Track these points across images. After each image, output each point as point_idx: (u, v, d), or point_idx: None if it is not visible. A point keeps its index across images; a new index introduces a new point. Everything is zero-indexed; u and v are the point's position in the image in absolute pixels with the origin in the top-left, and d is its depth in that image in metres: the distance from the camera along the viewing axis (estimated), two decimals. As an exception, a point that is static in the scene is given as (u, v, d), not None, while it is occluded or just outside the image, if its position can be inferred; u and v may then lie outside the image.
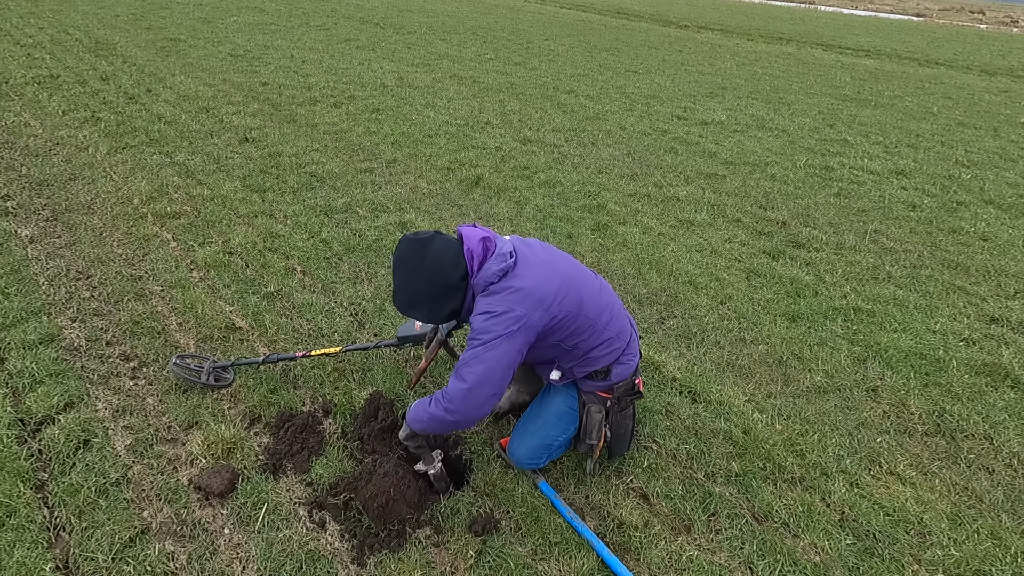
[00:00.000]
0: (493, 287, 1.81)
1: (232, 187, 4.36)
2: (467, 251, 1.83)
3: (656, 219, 4.37)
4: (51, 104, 5.89)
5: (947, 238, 4.38)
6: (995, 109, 9.13)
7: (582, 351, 1.97)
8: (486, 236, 1.86)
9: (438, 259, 1.80)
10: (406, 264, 1.82)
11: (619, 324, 2.04)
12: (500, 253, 1.82)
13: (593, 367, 2.01)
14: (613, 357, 2.02)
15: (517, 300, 1.79)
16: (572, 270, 1.96)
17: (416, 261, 1.81)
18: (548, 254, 1.96)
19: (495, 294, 1.80)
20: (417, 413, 1.92)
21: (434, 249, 1.81)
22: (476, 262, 1.82)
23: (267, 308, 3.03)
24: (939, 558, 1.97)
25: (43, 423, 2.26)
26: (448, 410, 1.83)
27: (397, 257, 1.85)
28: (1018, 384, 2.84)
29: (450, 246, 1.83)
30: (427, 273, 1.81)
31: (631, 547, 1.94)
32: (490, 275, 1.81)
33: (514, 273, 1.83)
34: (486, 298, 1.82)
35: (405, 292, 1.85)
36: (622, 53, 11.78)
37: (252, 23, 11.38)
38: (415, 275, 1.82)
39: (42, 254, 3.38)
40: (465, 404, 1.81)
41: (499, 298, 1.79)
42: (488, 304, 1.80)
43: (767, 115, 7.66)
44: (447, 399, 1.83)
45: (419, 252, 1.81)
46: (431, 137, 5.77)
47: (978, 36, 22.08)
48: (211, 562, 1.83)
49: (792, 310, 3.32)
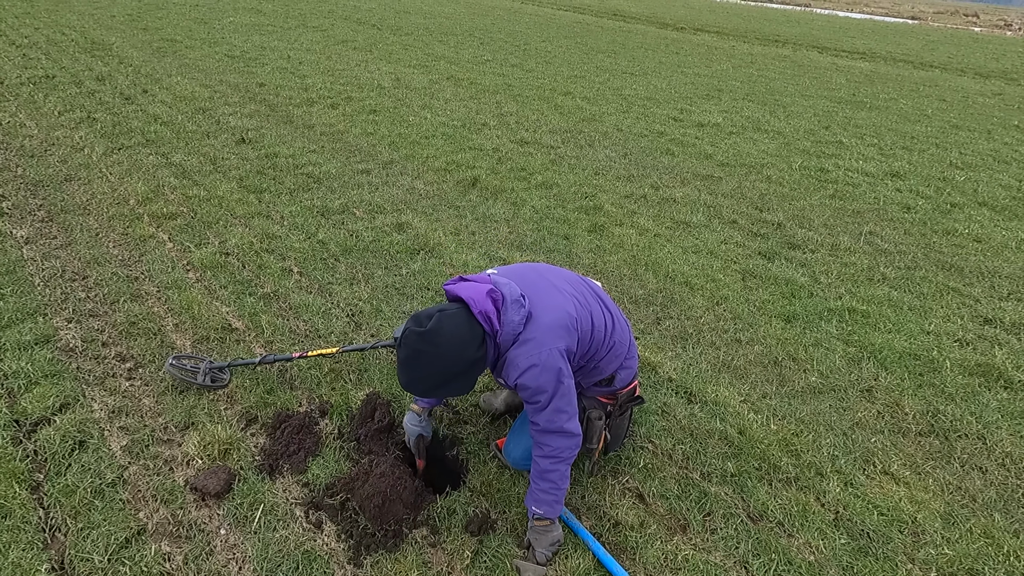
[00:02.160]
0: (522, 336, 1.76)
1: (228, 188, 4.35)
2: (479, 314, 1.72)
3: (652, 220, 4.38)
4: (47, 105, 5.88)
5: (941, 240, 4.41)
6: (989, 112, 9.18)
7: (594, 362, 1.97)
8: (490, 289, 1.77)
9: (453, 343, 1.68)
10: (420, 359, 1.70)
11: (621, 329, 2.04)
12: (514, 300, 1.76)
13: (600, 376, 2.02)
14: (617, 363, 2.03)
15: (552, 336, 1.76)
16: (570, 287, 1.95)
17: (432, 352, 1.68)
18: (544, 278, 1.93)
19: (527, 341, 1.75)
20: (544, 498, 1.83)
21: (445, 334, 1.68)
22: (494, 319, 1.74)
23: (264, 309, 3.03)
24: (932, 557, 1.98)
25: (38, 424, 2.25)
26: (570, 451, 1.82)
27: (408, 354, 1.70)
28: (1011, 384, 2.86)
29: (459, 322, 1.71)
30: (447, 361, 1.69)
31: (627, 547, 1.95)
32: (515, 326, 1.75)
33: (533, 313, 1.78)
34: (521, 347, 1.76)
35: (427, 383, 1.75)
36: (619, 55, 11.81)
37: (249, 24, 11.37)
38: (433, 366, 1.70)
39: (37, 255, 3.37)
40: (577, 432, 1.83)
41: (536, 342, 1.75)
42: (529, 353, 1.74)
43: (763, 117, 7.69)
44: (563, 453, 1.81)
45: (432, 342, 1.67)
46: (428, 138, 5.77)
47: (972, 39, 22.21)
48: (207, 563, 1.82)
49: (787, 311, 3.34)
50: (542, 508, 1.83)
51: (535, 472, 1.84)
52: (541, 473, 1.83)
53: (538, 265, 2.04)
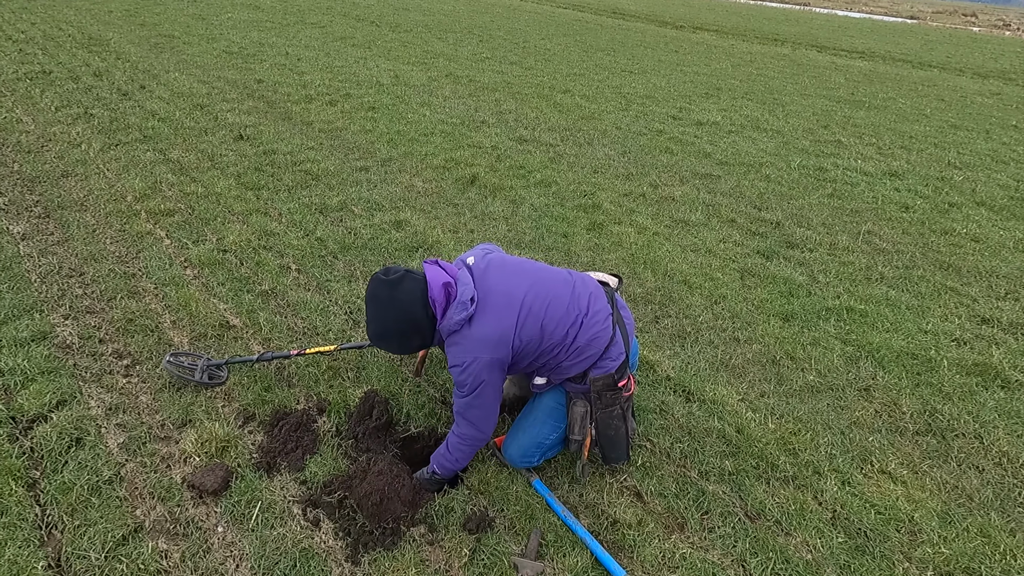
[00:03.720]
0: (456, 335, 1.91)
1: (226, 185, 4.34)
2: (431, 299, 1.90)
3: (651, 219, 4.38)
4: (43, 100, 5.85)
5: (939, 239, 4.41)
6: (987, 112, 9.20)
7: (554, 363, 2.04)
8: (447, 282, 1.93)
9: (406, 299, 1.88)
10: (376, 301, 1.91)
11: (590, 332, 1.99)
12: (461, 301, 1.89)
13: (568, 374, 2.06)
14: (587, 364, 2.02)
15: (481, 347, 1.88)
16: (532, 292, 1.95)
17: (386, 300, 1.89)
18: (507, 281, 1.96)
19: (459, 344, 1.91)
20: (442, 462, 2.05)
21: (403, 289, 1.88)
22: (439, 308, 1.91)
23: (261, 306, 3.02)
24: (929, 556, 1.98)
25: (35, 421, 2.24)
26: (472, 441, 2.02)
27: (368, 294, 1.93)
28: (1008, 384, 2.87)
29: (416, 287, 1.90)
30: (396, 312, 1.89)
31: (625, 545, 1.95)
32: (453, 324, 1.89)
33: (475, 319, 1.90)
34: (452, 347, 1.92)
35: (375, 326, 1.94)
36: (618, 53, 11.79)
37: (247, 20, 11.34)
38: (384, 312, 1.90)
39: (34, 251, 3.36)
40: (482, 432, 2.01)
41: (464, 348, 1.90)
42: (457, 355, 1.91)
43: (762, 116, 7.69)
44: (466, 440, 2.01)
45: (389, 292, 1.88)
46: (427, 136, 5.76)
47: (971, 39, 22.24)
48: (204, 560, 1.82)
49: (785, 310, 3.34)
50: (441, 471, 2.07)
51: (449, 442, 2.04)
52: (450, 446, 2.03)
53: (514, 262, 2.06)
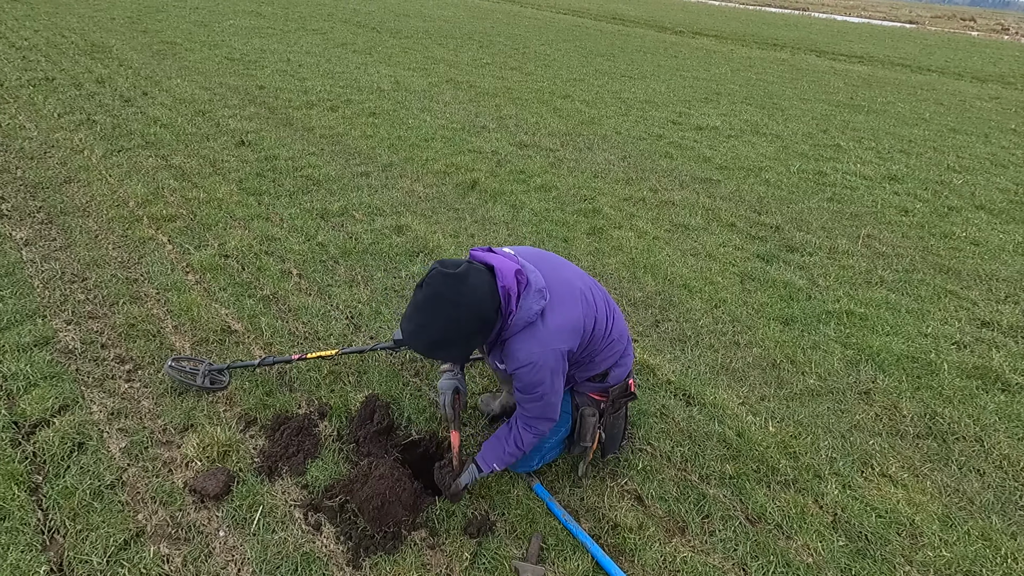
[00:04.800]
0: (529, 328, 1.75)
1: (228, 190, 4.36)
2: (502, 288, 1.69)
3: (651, 223, 4.39)
4: (46, 107, 5.88)
5: (939, 243, 4.42)
6: (986, 115, 9.22)
7: (588, 357, 1.99)
8: (519, 269, 1.75)
9: (478, 294, 1.63)
10: (439, 302, 1.61)
11: (619, 326, 2.07)
12: (537, 290, 1.74)
13: (594, 371, 2.04)
14: (613, 360, 2.05)
15: (557, 338, 1.76)
16: (581, 282, 1.96)
17: (454, 298, 1.61)
18: (558, 271, 1.92)
19: (533, 336, 1.74)
20: (505, 458, 1.95)
21: (472, 283, 1.63)
22: (513, 300, 1.71)
23: (263, 311, 3.03)
24: (930, 559, 1.98)
25: (37, 426, 2.25)
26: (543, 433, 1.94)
27: (428, 295, 1.63)
28: (1008, 387, 2.87)
29: (485, 280, 1.68)
30: (466, 310, 1.63)
31: (625, 549, 1.95)
32: (531, 315, 1.73)
33: (546, 309, 1.76)
34: (523, 342, 1.74)
35: (432, 332, 1.66)
36: (617, 58, 11.84)
37: (249, 27, 11.39)
38: (453, 311, 1.63)
39: (37, 256, 3.37)
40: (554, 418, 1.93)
41: (539, 340, 1.74)
42: (529, 350, 1.73)
43: (761, 120, 7.71)
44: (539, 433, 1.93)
45: (456, 287, 1.61)
46: (427, 141, 5.78)
47: (969, 43, 22.30)
48: (206, 565, 1.82)
49: (785, 314, 3.35)
50: (500, 465, 1.97)
51: (513, 441, 1.93)
52: (520, 444, 1.94)
53: (550, 255, 2.02)
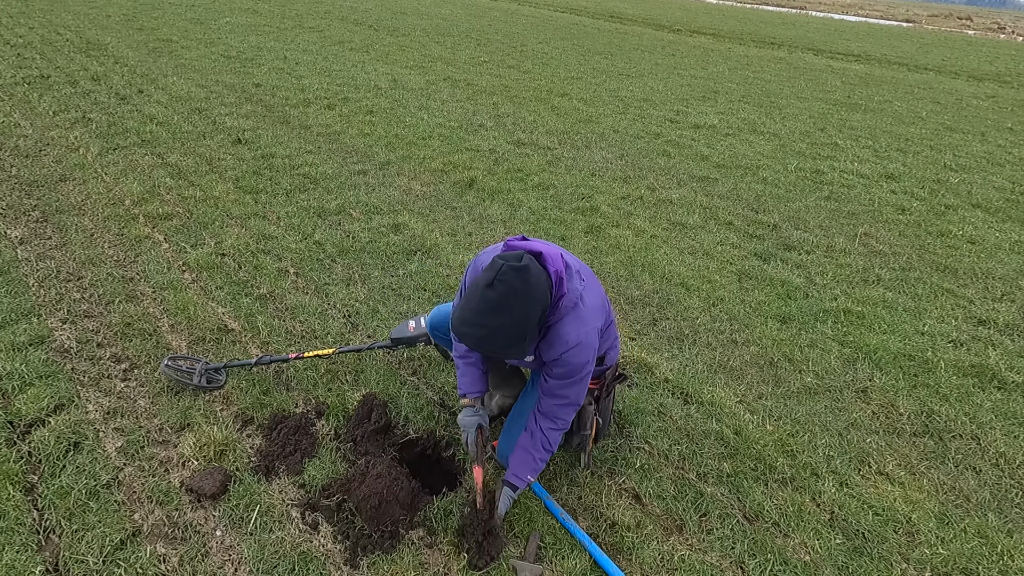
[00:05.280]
0: (575, 309, 1.73)
1: (225, 188, 4.34)
2: (554, 272, 1.66)
3: (649, 222, 4.39)
4: (41, 104, 5.85)
5: (935, 241, 4.43)
6: (982, 114, 9.24)
7: None
8: (562, 252, 1.73)
9: (542, 284, 1.60)
10: (514, 299, 1.54)
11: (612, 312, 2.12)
12: (577, 271, 1.75)
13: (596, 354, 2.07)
14: (609, 342, 2.09)
15: (595, 317, 1.79)
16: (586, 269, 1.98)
17: (524, 292, 1.55)
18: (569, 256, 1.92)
19: (579, 317, 1.72)
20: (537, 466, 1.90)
21: (535, 273, 1.59)
22: (564, 283, 1.69)
23: (260, 310, 3.02)
24: (927, 557, 1.99)
25: (33, 425, 2.24)
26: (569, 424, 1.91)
27: (504, 292, 1.54)
28: (1005, 385, 2.88)
29: (540, 268, 1.65)
30: (536, 303, 1.58)
31: (623, 547, 1.95)
32: (576, 297, 1.72)
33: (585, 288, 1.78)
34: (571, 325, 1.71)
35: (512, 330, 1.57)
36: (615, 57, 11.83)
37: (245, 24, 11.35)
38: (528, 306, 1.57)
39: (32, 255, 3.36)
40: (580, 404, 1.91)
41: (584, 320, 1.74)
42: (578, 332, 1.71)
43: (759, 119, 7.72)
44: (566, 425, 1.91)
45: (525, 280, 1.55)
46: (425, 139, 5.77)
47: (966, 42, 22.35)
48: (203, 564, 1.82)
49: (783, 312, 3.35)
50: (533, 475, 1.91)
51: (541, 446, 1.89)
52: (547, 446, 1.89)
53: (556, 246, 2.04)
